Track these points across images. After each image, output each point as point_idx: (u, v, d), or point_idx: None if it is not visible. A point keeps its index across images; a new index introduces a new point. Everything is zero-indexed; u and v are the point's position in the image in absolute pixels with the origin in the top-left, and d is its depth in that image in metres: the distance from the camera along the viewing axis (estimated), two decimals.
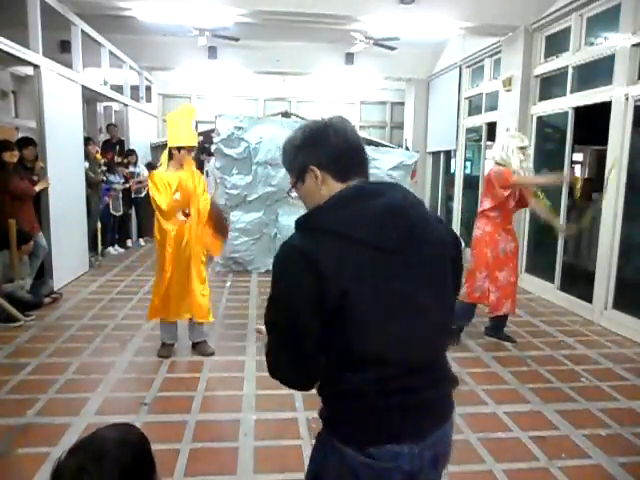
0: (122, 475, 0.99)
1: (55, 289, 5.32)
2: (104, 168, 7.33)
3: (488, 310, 4.22)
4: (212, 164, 7.16)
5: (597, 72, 5.15)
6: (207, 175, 7.23)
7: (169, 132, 3.79)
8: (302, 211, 1.20)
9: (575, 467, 2.55)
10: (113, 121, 9.68)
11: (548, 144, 6.26)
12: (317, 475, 1.24)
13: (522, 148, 4.03)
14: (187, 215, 3.67)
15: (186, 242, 3.66)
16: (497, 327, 4.34)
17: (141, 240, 8.57)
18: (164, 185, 3.60)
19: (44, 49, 5.25)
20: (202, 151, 8.22)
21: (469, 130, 8.31)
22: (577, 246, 6.50)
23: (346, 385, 1.14)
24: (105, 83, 7.53)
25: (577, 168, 10.13)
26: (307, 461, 1.23)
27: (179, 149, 3.64)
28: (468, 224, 7.26)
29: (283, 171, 7.76)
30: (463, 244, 1.16)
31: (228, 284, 6.04)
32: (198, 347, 3.93)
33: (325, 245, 1.09)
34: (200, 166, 7.96)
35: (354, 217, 1.12)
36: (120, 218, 7.89)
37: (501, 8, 5.91)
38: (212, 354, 3.87)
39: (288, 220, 6.67)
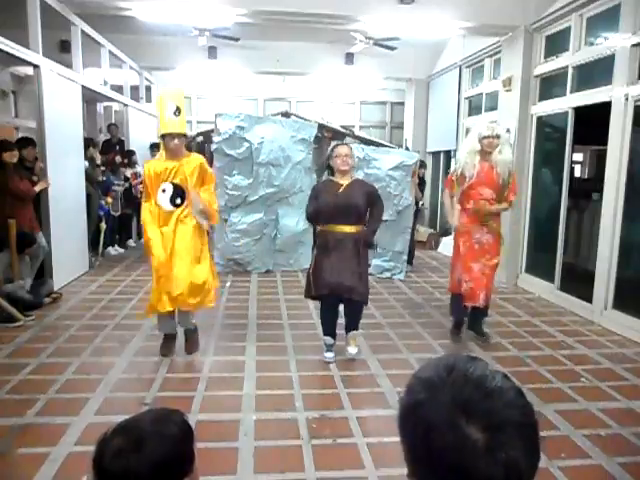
0: (157, 466, 1.00)
1: (55, 289, 5.32)
2: (103, 168, 7.33)
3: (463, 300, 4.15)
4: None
5: (597, 72, 5.15)
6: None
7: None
8: (301, 211, 1.19)
9: (575, 467, 2.54)
10: (113, 121, 9.68)
11: (548, 144, 6.25)
12: None
13: (486, 137, 3.92)
14: (177, 206, 3.66)
15: (172, 229, 3.64)
16: (472, 321, 4.30)
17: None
18: (150, 177, 3.66)
19: (44, 49, 5.25)
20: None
21: (469, 130, 8.30)
22: (577, 246, 6.49)
23: None
24: (105, 83, 7.53)
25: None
26: (307, 461, 1.20)
27: (163, 137, 3.69)
28: None
29: (285, 171, 7.78)
30: None
31: (228, 284, 6.03)
32: (186, 336, 3.89)
33: None
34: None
35: None
36: (119, 218, 7.88)
37: (501, 8, 5.91)
38: (194, 337, 3.88)
39: (288, 221, 6.66)
